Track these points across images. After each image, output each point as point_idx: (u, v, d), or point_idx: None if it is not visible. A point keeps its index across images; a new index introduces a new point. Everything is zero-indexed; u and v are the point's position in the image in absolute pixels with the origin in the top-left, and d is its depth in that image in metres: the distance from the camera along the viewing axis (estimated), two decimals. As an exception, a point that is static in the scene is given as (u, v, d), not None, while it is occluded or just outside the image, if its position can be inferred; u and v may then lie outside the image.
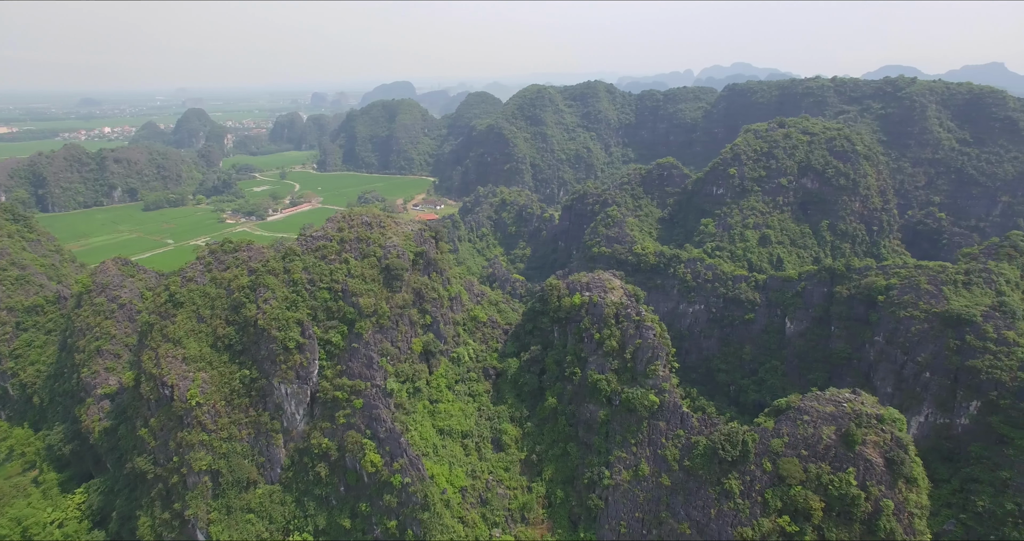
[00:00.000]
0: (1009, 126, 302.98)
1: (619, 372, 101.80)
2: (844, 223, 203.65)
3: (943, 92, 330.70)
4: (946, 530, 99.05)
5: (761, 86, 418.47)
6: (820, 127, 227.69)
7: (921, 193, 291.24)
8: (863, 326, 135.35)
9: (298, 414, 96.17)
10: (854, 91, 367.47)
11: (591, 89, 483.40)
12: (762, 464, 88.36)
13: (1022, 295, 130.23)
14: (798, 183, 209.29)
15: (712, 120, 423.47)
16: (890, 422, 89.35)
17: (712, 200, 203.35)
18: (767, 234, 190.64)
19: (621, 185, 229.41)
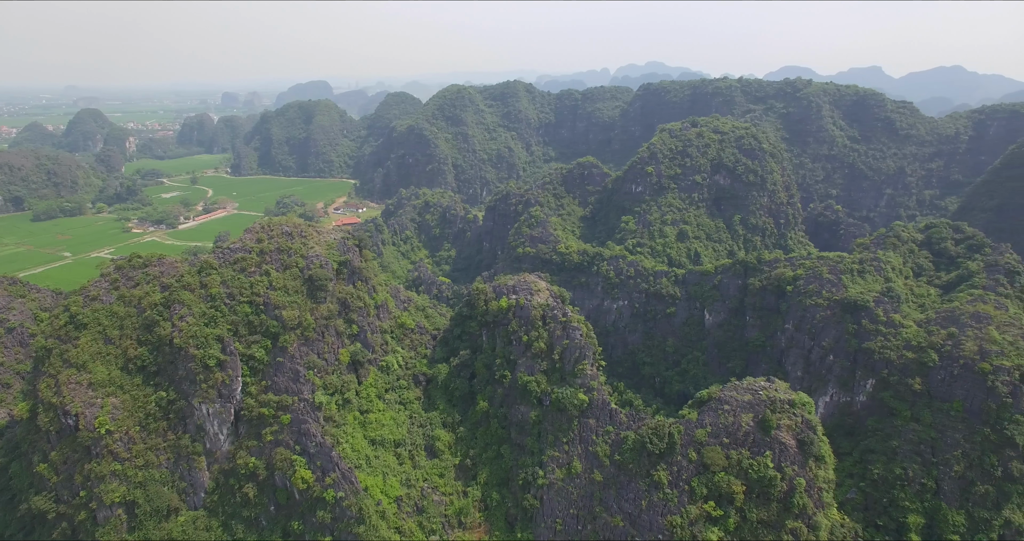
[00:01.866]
0: (889, 126, 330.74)
1: (548, 373, 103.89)
2: (754, 217, 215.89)
3: (834, 93, 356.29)
4: (849, 498, 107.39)
5: (674, 86, 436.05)
6: (730, 126, 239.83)
7: (820, 187, 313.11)
8: (775, 315, 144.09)
9: (222, 434, 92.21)
10: (758, 91, 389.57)
11: (511, 89, 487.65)
12: (688, 454, 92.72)
13: (904, 280, 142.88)
14: (711, 180, 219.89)
15: (629, 119, 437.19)
16: (800, 406, 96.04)
17: (632, 198, 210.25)
18: (684, 230, 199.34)
19: (543, 185, 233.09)
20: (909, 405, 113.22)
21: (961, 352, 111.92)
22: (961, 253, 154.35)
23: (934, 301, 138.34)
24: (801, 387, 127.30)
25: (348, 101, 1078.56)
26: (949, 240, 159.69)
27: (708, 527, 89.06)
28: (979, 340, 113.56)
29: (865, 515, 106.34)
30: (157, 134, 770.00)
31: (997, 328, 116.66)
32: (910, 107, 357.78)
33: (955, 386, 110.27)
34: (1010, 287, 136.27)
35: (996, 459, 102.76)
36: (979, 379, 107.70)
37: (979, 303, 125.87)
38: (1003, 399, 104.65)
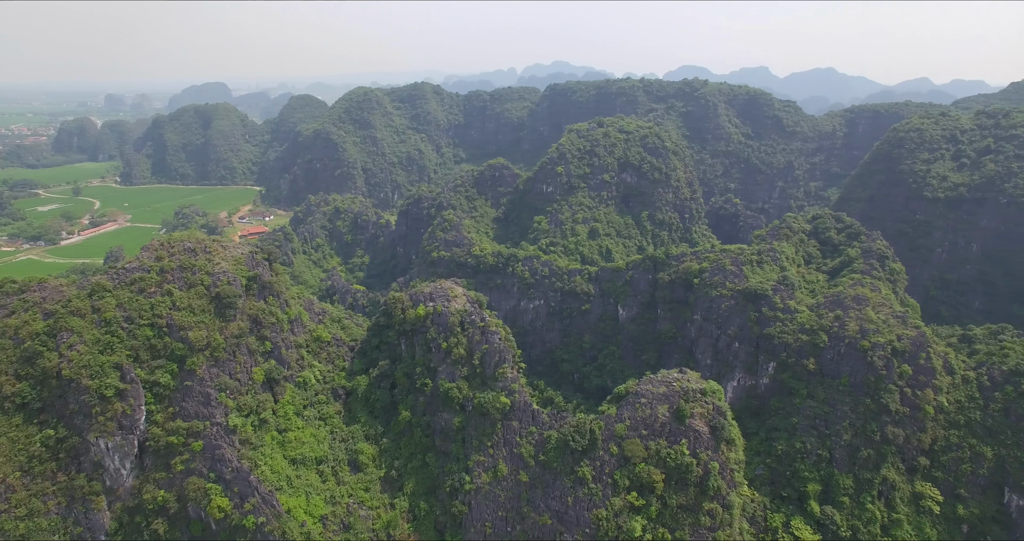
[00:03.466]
0: (777, 123, 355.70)
1: (469, 378, 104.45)
2: (661, 213, 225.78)
3: (728, 93, 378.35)
4: (757, 475, 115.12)
5: (580, 86, 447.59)
6: (634, 126, 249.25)
7: (720, 181, 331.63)
8: (684, 307, 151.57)
9: (124, 469, 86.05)
10: (659, 91, 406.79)
11: (419, 90, 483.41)
12: (609, 448, 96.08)
13: (797, 268, 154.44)
14: (619, 178, 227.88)
15: (537, 119, 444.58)
16: (711, 394, 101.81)
17: (543, 198, 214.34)
18: (595, 227, 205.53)
19: (455, 187, 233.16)
20: (805, 384, 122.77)
21: (845, 332, 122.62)
22: (842, 241, 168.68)
23: (822, 286, 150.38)
24: (711, 374, 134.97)
25: (249, 104, 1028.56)
26: (832, 229, 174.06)
27: (632, 517, 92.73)
28: (859, 320, 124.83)
29: (772, 488, 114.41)
30: (27, 140, 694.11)
31: (873, 308, 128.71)
32: (794, 106, 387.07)
33: (842, 363, 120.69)
34: (882, 270, 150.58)
35: (875, 425, 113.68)
36: (860, 355, 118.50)
37: (858, 286, 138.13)
38: (879, 372, 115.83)
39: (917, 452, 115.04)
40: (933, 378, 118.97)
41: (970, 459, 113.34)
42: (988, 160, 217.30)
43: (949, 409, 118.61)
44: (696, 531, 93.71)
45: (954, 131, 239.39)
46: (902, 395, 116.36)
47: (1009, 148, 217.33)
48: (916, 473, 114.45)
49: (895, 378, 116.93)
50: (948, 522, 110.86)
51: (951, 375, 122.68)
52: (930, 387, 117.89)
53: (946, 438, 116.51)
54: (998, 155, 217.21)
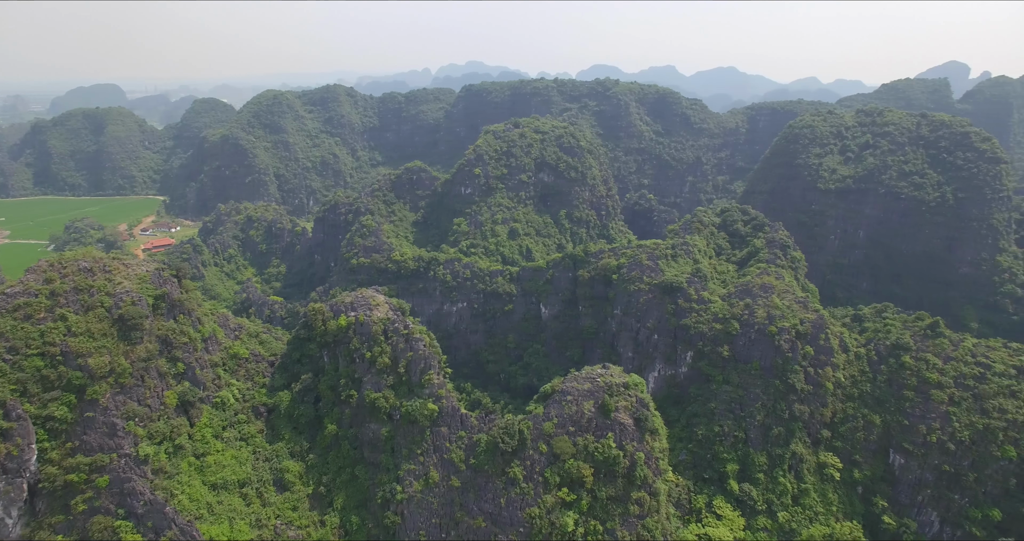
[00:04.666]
0: (685, 121, 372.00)
1: (395, 387, 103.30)
2: (579, 211, 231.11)
3: (638, 92, 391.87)
4: (680, 460, 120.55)
5: (495, 87, 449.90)
6: (549, 126, 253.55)
7: (634, 178, 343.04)
8: (604, 303, 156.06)
9: (10, 517, 78.39)
10: (573, 90, 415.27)
11: (331, 93, 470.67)
12: (538, 447, 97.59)
13: (708, 260, 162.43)
14: (536, 178, 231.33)
15: (453, 120, 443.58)
16: (634, 386, 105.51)
17: (462, 200, 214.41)
18: (515, 227, 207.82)
19: (372, 192, 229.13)
20: (721, 370, 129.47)
21: (755, 319, 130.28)
22: (749, 232, 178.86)
23: (732, 276, 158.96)
24: (633, 366, 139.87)
25: (147, 108, 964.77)
26: (739, 222, 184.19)
27: (564, 512, 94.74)
28: (767, 307, 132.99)
29: (695, 472, 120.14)
30: None
31: (778, 295, 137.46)
32: (700, 104, 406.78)
33: (753, 348, 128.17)
34: (784, 259, 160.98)
35: (784, 404, 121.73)
36: (769, 340, 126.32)
37: (765, 275, 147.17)
38: (786, 354, 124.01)
39: (820, 425, 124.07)
40: (831, 357, 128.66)
41: (863, 427, 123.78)
42: (868, 154, 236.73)
43: (845, 384, 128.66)
44: (626, 520, 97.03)
45: (839, 128, 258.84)
46: (806, 374, 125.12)
47: (884, 143, 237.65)
48: (820, 445, 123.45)
49: (799, 359, 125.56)
50: (847, 486, 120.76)
51: (846, 353, 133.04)
52: (829, 365, 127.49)
53: (843, 410, 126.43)
54: (876, 150, 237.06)
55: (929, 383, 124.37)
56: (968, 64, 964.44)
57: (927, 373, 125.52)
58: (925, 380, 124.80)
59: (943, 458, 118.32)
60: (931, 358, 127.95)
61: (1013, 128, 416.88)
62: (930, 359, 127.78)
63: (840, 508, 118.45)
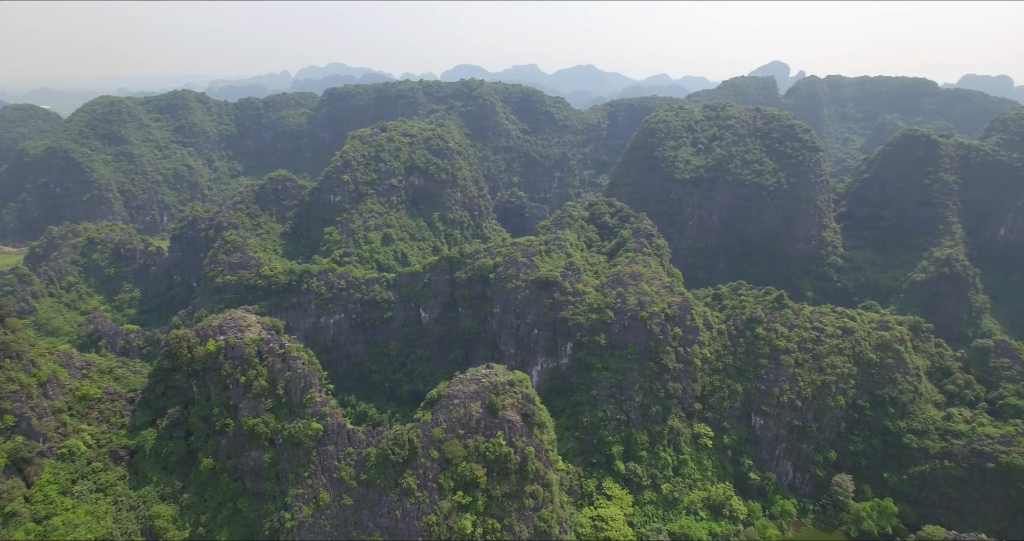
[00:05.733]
0: (550, 118, 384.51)
1: (275, 410, 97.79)
2: (452, 212, 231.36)
3: (504, 92, 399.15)
4: (569, 448, 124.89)
5: (359, 90, 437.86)
6: (417, 128, 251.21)
7: (504, 176, 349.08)
8: (483, 302, 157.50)
9: None
10: (439, 92, 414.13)
11: (180, 99, 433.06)
12: (430, 454, 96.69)
13: (580, 253, 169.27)
14: (407, 182, 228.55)
15: (317, 125, 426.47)
16: (519, 383, 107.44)
17: (331, 208, 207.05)
18: (389, 233, 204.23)
19: (235, 204, 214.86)
20: (600, 358, 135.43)
21: (627, 306, 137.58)
22: (616, 224, 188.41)
23: (604, 267, 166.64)
24: (516, 362, 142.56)
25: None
26: (607, 214, 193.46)
27: (461, 515, 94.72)
28: (637, 294, 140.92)
29: (583, 458, 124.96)
30: None
31: (647, 282, 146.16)
32: (563, 102, 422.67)
33: (627, 335, 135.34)
34: (650, 247, 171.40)
35: (659, 384, 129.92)
36: (642, 325, 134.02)
37: (633, 264, 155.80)
38: (658, 337, 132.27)
39: (692, 400, 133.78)
40: (698, 335, 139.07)
41: (728, 397, 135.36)
42: (716, 145, 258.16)
43: (711, 359, 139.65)
44: (522, 515, 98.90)
45: (690, 122, 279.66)
46: (677, 354, 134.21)
47: (729, 135, 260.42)
48: (693, 417, 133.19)
49: (670, 340, 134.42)
50: (718, 451, 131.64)
51: (710, 330, 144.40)
52: (696, 343, 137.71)
53: (711, 383, 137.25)
54: (722, 141, 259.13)
55: (779, 350, 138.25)
56: (788, 64, 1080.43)
57: (777, 341, 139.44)
58: (776, 348, 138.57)
59: (793, 414, 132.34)
60: (779, 327, 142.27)
61: (824, 120, 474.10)
62: (778, 328, 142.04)
63: (714, 472, 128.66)
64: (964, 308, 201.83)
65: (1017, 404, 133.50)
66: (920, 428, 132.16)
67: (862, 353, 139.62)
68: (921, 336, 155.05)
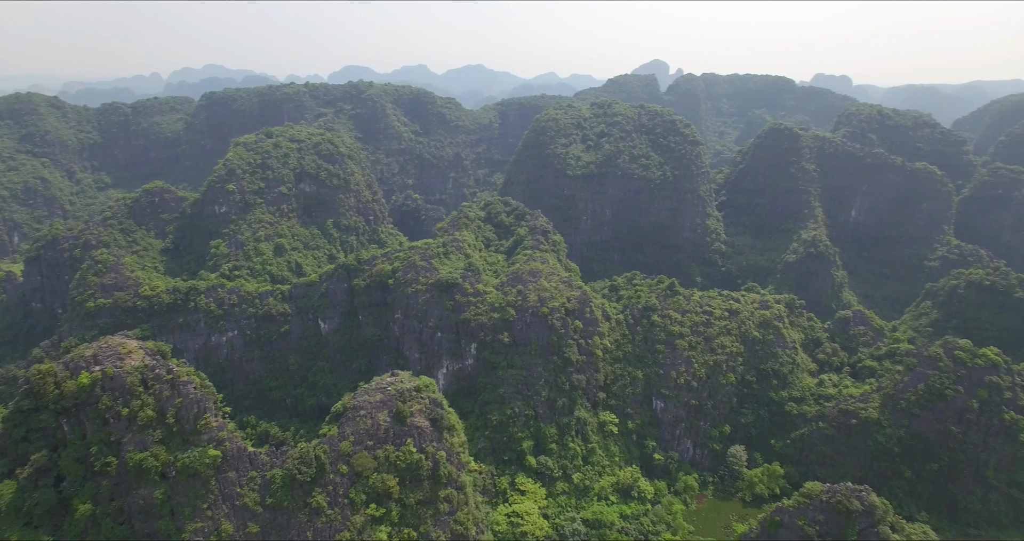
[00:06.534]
0: (441, 119, 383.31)
1: (166, 441, 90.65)
2: (346, 218, 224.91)
3: (394, 93, 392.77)
4: (480, 448, 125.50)
5: (241, 94, 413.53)
6: (305, 134, 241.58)
7: (398, 179, 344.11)
8: (384, 308, 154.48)
9: None
10: (326, 95, 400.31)
11: (26, 103, 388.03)
12: (339, 469, 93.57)
13: (479, 253, 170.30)
14: (297, 189, 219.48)
15: (196, 132, 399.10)
16: (425, 388, 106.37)
17: (217, 219, 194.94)
18: (281, 243, 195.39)
19: (105, 220, 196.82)
20: (504, 356, 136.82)
21: (528, 303, 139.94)
22: (512, 222, 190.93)
23: (503, 266, 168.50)
24: (421, 367, 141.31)
25: None
26: (503, 213, 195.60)
27: (375, 528, 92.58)
28: (537, 291, 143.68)
29: (495, 456, 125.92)
30: None
31: (545, 278, 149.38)
32: (455, 102, 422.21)
33: (530, 331, 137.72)
34: (547, 243, 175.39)
35: (564, 377, 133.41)
36: (543, 321, 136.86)
37: (532, 261, 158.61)
38: (559, 331, 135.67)
39: (596, 389, 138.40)
40: (598, 327, 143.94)
41: (630, 383, 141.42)
42: (604, 142, 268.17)
43: (612, 348, 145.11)
44: (437, 520, 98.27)
45: (579, 119, 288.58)
46: (578, 346, 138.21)
47: (616, 132, 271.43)
48: (598, 406, 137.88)
49: (571, 334, 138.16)
50: (624, 436, 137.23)
51: (608, 321, 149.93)
52: (596, 334, 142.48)
53: (613, 372, 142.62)
54: (610, 137, 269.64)
55: (674, 335, 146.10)
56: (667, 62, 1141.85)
57: (671, 327, 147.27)
58: (671, 333, 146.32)
59: (690, 395, 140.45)
60: (672, 314, 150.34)
61: (701, 115, 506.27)
62: (672, 315, 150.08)
63: (621, 457, 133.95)
64: (828, 284, 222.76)
65: (872, 365, 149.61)
66: (799, 396, 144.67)
67: (747, 332, 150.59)
68: (795, 312, 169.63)
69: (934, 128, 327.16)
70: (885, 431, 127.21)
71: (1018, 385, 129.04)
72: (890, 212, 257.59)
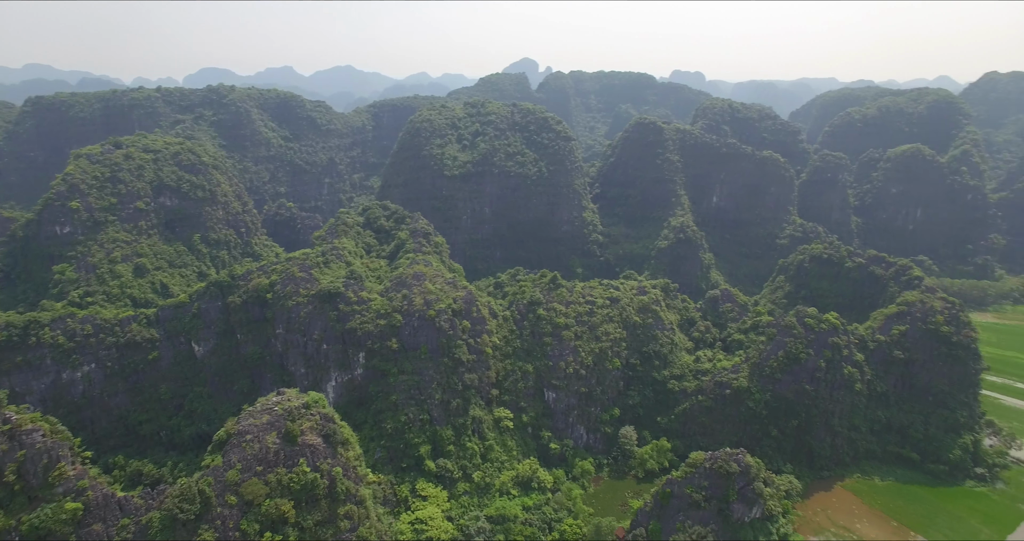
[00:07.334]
0: (312, 123, 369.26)
1: (5, 503, 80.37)
2: (215, 232, 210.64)
3: (259, 98, 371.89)
4: (377, 458, 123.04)
5: (79, 99, 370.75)
6: (161, 143, 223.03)
7: (269, 187, 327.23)
8: (264, 324, 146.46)
9: None
10: (183, 100, 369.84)
11: None
12: (227, 501, 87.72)
13: (360, 260, 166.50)
14: (157, 203, 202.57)
15: (22, 142, 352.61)
16: (315, 404, 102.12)
17: (58, 241, 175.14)
18: (142, 263, 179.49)
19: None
20: (394, 363, 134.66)
21: (414, 307, 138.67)
22: (392, 226, 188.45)
23: (386, 271, 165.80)
24: (308, 381, 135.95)
25: None
26: (382, 218, 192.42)
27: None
28: (423, 294, 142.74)
29: (393, 465, 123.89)
30: None
31: (430, 281, 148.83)
32: (325, 105, 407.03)
33: (418, 335, 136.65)
34: (429, 245, 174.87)
35: (456, 377, 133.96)
36: (431, 324, 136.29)
37: (415, 264, 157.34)
38: (448, 333, 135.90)
39: (489, 387, 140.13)
40: (485, 325, 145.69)
41: (521, 378, 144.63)
42: (480, 141, 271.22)
43: (501, 345, 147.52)
44: (339, 538, 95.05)
45: (453, 119, 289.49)
46: (468, 346, 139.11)
47: (491, 130, 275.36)
48: (492, 403, 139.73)
49: (460, 334, 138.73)
50: (520, 430, 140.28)
51: (496, 318, 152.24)
52: (485, 333, 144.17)
53: (504, 368, 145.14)
54: (485, 136, 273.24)
55: (560, 327, 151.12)
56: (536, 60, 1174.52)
57: (557, 319, 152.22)
58: (557, 325, 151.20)
59: (579, 383, 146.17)
60: (557, 306, 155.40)
61: (572, 112, 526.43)
62: (556, 307, 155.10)
63: (519, 450, 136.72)
64: (697, 266, 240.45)
65: (740, 338, 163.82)
66: (679, 373, 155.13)
67: (628, 317, 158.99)
68: (670, 295, 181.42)
69: (775, 120, 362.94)
70: (754, 397, 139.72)
71: (852, 343, 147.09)
72: (745, 197, 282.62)
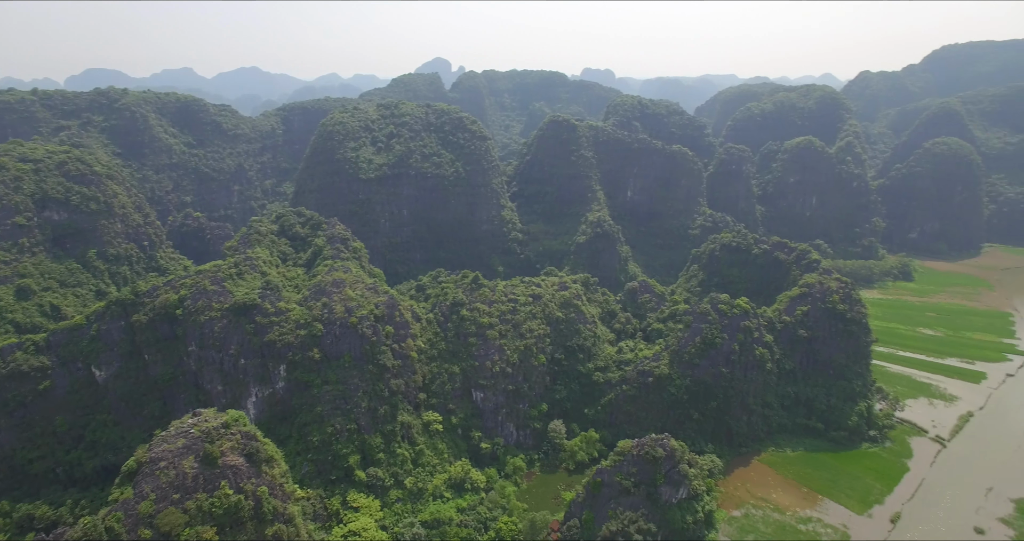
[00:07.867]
0: (217, 128, 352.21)
1: None
2: (113, 247, 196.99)
3: (156, 102, 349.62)
4: (305, 473, 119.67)
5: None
6: (43, 151, 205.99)
7: (173, 197, 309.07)
8: (174, 342, 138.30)
9: None
10: (67, 104, 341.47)
11: None
12: (140, 536, 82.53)
13: (276, 270, 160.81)
14: (41, 218, 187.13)
15: None
16: (235, 423, 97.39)
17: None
18: (26, 284, 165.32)
19: None
20: (317, 373, 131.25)
21: (335, 315, 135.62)
22: (308, 233, 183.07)
23: (304, 280, 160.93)
24: (227, 399, 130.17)
25: None
26: (297, 225, 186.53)
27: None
28: (343, 301, 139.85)
29: (322, 478, 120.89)
30: None
31: (350, 287, 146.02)
32: (230, 109, 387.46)
33: (341, 343, 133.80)
34: (347, 251, 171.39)
35: (382, 384, 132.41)
36: (353, 331, 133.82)
37: (333, 271, 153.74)
38: (371, 339, 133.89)
39: (416, 391, 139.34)
40: (409, 329, 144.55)
41: (448, 380, 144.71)
42: (395, 143, 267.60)
43: (426, 348, 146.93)
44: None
45: (367, 122, 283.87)
46: (392, 351, 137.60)
47: (405, 132, 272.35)
48: (420, 407, 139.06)
49: (384, 340, 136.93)
50: (450, 432, 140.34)
51: (419, 321, 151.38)
52: (409, 337, 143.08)
53: (430, 371, 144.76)
54: (400, 138, 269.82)
55: (484, 326, 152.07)
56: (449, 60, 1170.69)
57: (481, 319, 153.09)
58: (481, 325, 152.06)
59: (506, 381, 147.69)
60: (480, 306, 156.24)
61: (486, 111, 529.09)
62: (480, 307, 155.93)
63: (450, 453, 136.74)
64: (615, 259, 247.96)
65: (659, 327, 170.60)
66: (603, 365, 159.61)
67: (551, 313, 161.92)
68: (591, 288, 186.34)
69: (682, 115, 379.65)
70: (675, 383, 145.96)
71: (762, 325, 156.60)
72: (657, 190, 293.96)
